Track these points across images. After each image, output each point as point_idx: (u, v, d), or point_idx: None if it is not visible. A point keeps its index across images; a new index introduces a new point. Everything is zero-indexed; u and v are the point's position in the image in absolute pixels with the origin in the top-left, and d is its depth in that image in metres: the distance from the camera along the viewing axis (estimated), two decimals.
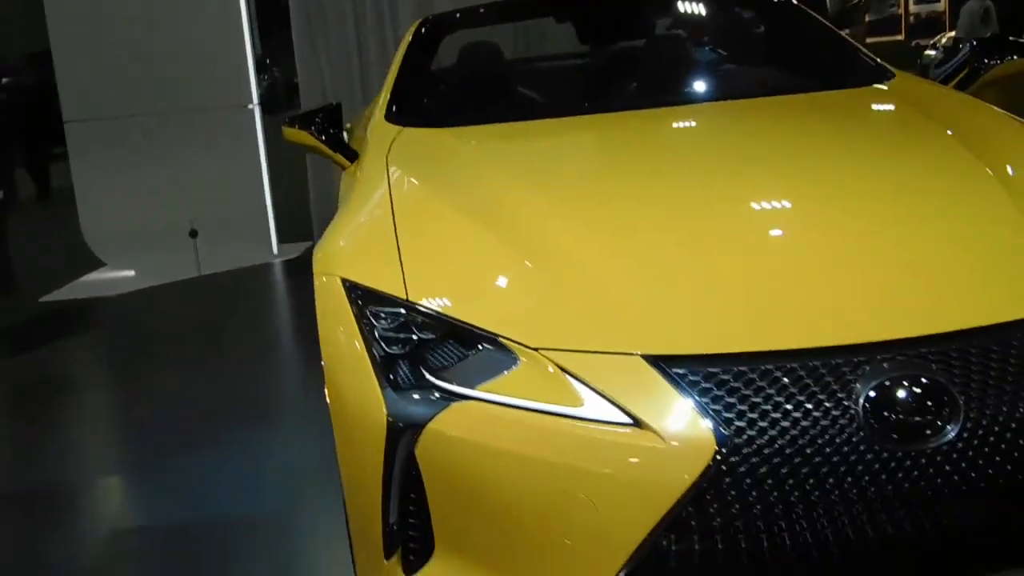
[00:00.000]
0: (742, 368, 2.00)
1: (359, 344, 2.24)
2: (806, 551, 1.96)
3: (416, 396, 2.14)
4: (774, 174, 2.74)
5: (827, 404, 1.96)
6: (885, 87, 3.49)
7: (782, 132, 3.18)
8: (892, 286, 2.17)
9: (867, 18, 17.89)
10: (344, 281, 2.35)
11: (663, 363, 2.01)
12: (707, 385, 1.98)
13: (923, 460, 1.94)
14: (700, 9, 4.88)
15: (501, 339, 2.14)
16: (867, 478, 1.93)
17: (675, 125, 3.36)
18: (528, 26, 7.78)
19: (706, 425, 1.94)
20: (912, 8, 19.35)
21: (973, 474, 1.94)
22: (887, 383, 1.96)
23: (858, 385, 1.97)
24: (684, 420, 1.95)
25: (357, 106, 7.27)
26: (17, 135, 14.54)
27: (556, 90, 4.04)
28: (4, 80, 17.02)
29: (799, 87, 3.61)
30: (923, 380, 1.97)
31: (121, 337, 6.96)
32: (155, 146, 8.38)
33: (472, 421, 2.08)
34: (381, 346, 2.22)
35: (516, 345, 2.12)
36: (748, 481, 1.93)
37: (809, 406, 1.96)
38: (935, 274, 2.22)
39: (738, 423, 1.94)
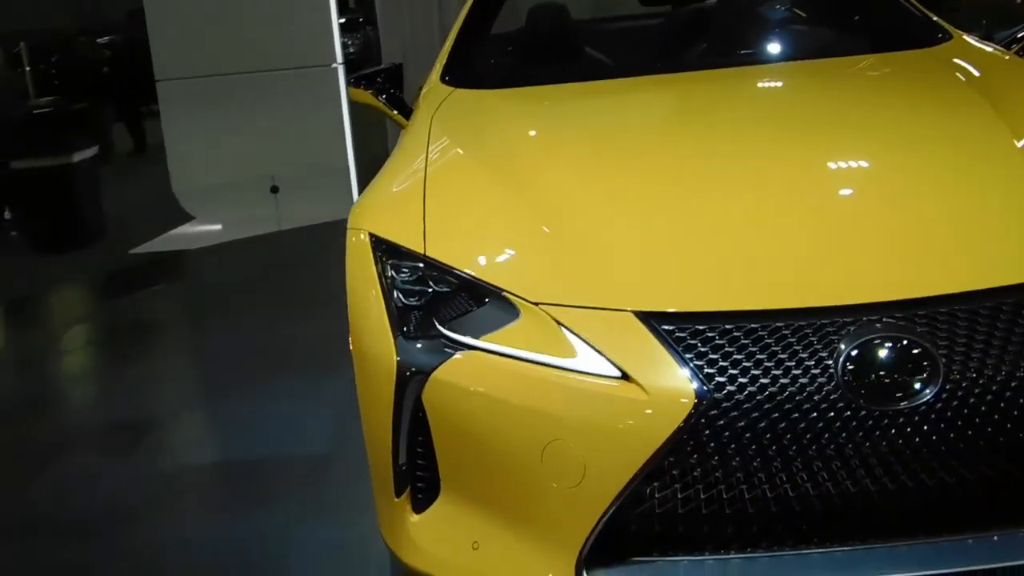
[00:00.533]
0: (727, 326, 2.06)
1: (378, 295, 2.36)
2: (784, 504, 2.02)
3: (425, 345, 2.26)
4: (787, 140, 2.78)
5: (808, 363, 2.00)
6: (935, 50, 3.47)
7: (808, 98, 3.22)
8: (884, 250, 2.20)
9: None
10: (371, 236, 2.46)
11: (652, 319, 2.08)
12: (693, 341, 2.05)
13: (900, 419, 1.97)
14: None
15: (505, 293, 2.23)
16: (844, 435, 1.98)
17: (712, 89, 3.39)
18: None
19: (686, 379, 2.00)
20: None
21: (950, 435, 1.97)
22: (868, 344, 2.00)
23: (841, 345, 2.01)
24: (667, 374, 2.02)
25: None
26: (115, 91, 14.94)
27: (612, 52, 4.06)
28: (104, 38, 17.48)
29: (847, 49, 3.62)
30: (904, 342, 1.99)
31: (201, 287, 7.27)
32: (242, 104, 8.60)
33: (474, 370, 2.19)
34: (399, 297, 2.34)
35: (518, 299, 2.21)
36: (727, 434, 2.00)
37: (790, 364, 2.01)
38: (929, 239, 2.23)
39: (719, 378, 2.00)
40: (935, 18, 3.70)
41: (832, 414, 1.98)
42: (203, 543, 3.44)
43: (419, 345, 2.27)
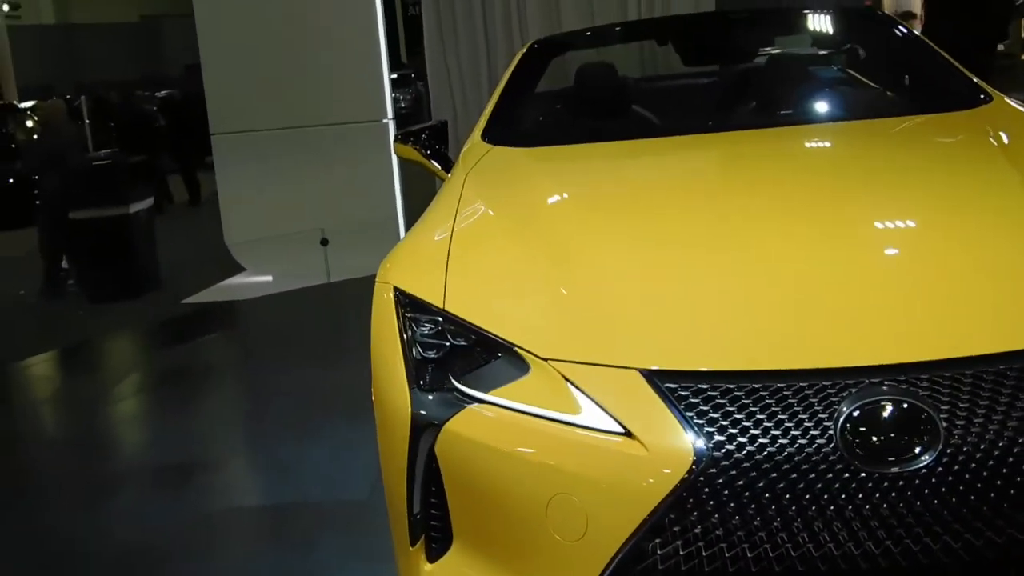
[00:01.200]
0: (729, 385, 2.08)
1: (397, 347, 2.43)
2: (787, 564, 2.02)
3: (439, 397, 2.32)
4: (808, 202, 2.80)
5: (808, 424, 2.02)
6: (973, 113, 3.48)
7: (835, 160, 3.25)
8: (890, 313, 2.21)
9: None
10: (395, 289, 2.54)
11: (656, 378, 2.12)
12: (694, 400, 2.07)
13: (900, 483, 1.98)
14: (800, 31, 4.93)
15: (517, 348, 2.28)
16: (843, 497, 1.98)
17: (744, 150, 3.43)
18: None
19: (687, 438, 2.03)
20: None
21: (950, 500, 1.97)
22: (868, 406, 2.01)
23: (841, 407, 2.02)
24: (667, 432, 2.05)
25: None
26: (171, 144, 15.27)
27: (654, 111, 4.11)
28: (163, 92, 17.87)
29: (886, 111, 3.66)
30: (905, 405, 2.00)
31: (251, 337, 7.40)
32: (294, 158, 8.74)
33: (484, 423, 2.24)
34: (418, 350, 2.41)
35: (528, 355, 2.26)
36: (726, 493, 2.01)
37: (790, 425, 2.02)
38: (935, 302, 2.24)
39: (719, 437, 2.02)
40: (976, 80, 3.72)
41: (831, 476, 2.00)
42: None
43: (433, 397, 2.33)
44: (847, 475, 1.99)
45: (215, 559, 3.72)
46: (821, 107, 3.87)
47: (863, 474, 1.99)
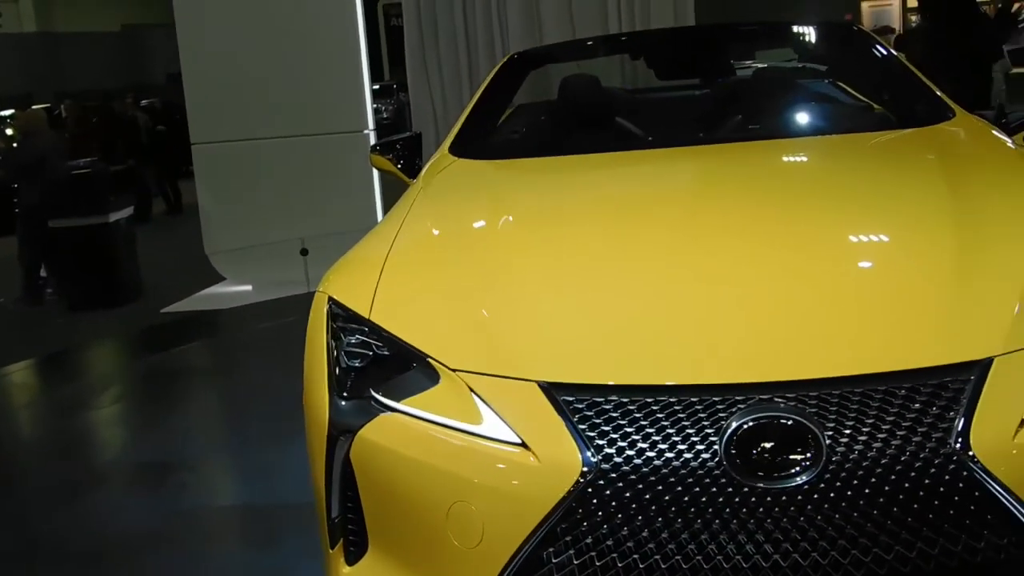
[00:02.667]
0: (623, 399, 2.13)
1: (322, 354, 2.52)
2: (676, 575, 2.06)
3: (355, 405, 2.39)
4: (734, 220, 2.83)
5: (694, 438, 2.06)
6: (931, 130, 3.49)
7: (774, 177, 3.28)
8: (784, 330, 2.24)
9: None
10: (329, 299, 2.61)
11: (553, 390, 2.16)
12: (588, 413, 2.12)
13: (782, 498, 2.01)
14: (775, 45, 4.97)
15: (429, 359, 2.34)
16: (727, 511, 2.02)
17: (694, 166, 3.48)
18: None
19: (576, 449, 2.08)
20: None
21: (833, 516, 2.01)
22: (754, 422, 2.05)
23: (728, 423, 2.06)
24: (558, 443, 2.10)
25: None
26: (152, 153, 15.24)
27: (624, 125, 4.14)
28: (143, 101, 17.83)
29: (845, 128, 3.70)
30: (789, 422, 2.04)
31: (231, 346, 7.39)
32: (274, 168, 8.76)
33: (395, 431, 2.30)
34: (344, 358, 2.47)
35: (439, 365, 2.32)
36: (614, 504, 2.06)
37: (677, 439, 2.06)
38: (831, 322, 2.26)
39: (608, 450, 2.07)
40: (940, 96, 3.74)
41: (714, 490, 2.03)
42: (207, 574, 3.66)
43: (350, 405, 2.40)
44: (730, 489, 2.03)
45: (184, 553, 3.81)
46: (783, 123, 3.89)
47: (745, 488, 2.03)
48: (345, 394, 2.42)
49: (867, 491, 2.01)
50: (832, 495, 2.01)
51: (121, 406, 6.16)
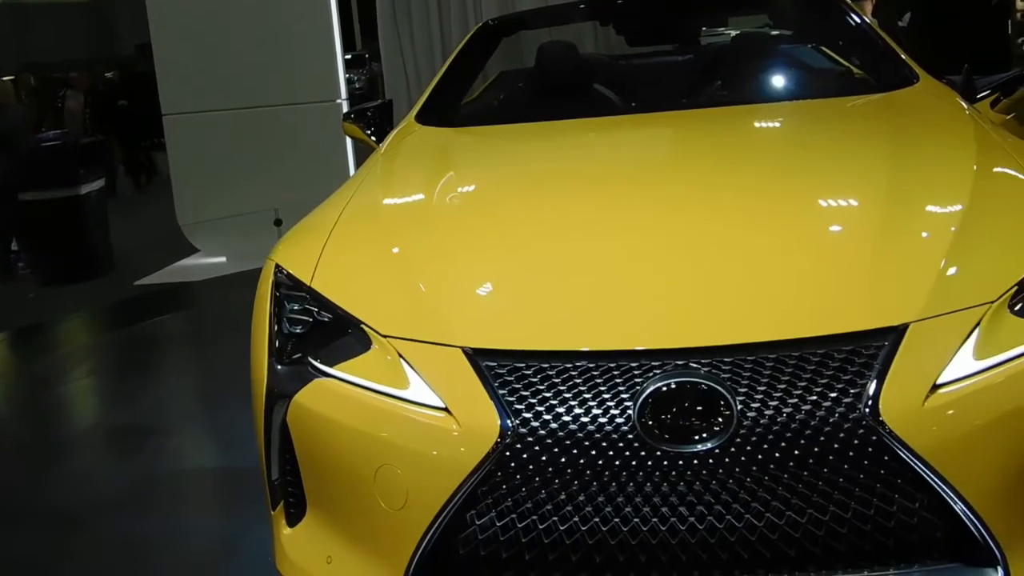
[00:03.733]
0: (543, 365, 2.16)
1: (264, 320, 2.56)
2: (595, 536, 2.11)
3: (293, 370, 2.43)
4: (667, 188, 2.87)
5: (609, 403, 2.09)
6: (888, 96, 3.49)
7: (723, 143, 3.29)
8: (704, 298, 2.27)
9: None
10: (276, 265, 2.65)
11: (477, 356, 2.20)
12: (509, 378, 2.16)
13: (694, 462, 2.05)
14: (745, 11, 4.96)
15: (363, 325, 2.38)
16: (640, 475, 2.06)
17: (653, 132, 3.51)
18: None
19: (495, 414, 2.12)
20: None
21: (743, 480, 2.05)
22: (667, 388, 2.08)
23: (641, 388, 2.09)
24: (478, 408, 2.14)
25: None
26: (123, 124, 15.11)
27: (588, 92, 4.14)
28: (112, 72, 17.65)
29: (803, 93, 3.74)
30: (702, 387, 2.07)
31: (205, 317, 7.37)
32: (247, 138, 8.71)
33: (327, 396, 2.34)
34: (286, 324, 2.52)
35: (371, 331, 2.36)
36: (531, 467, 2.10)
37: (592, 404, 2.10)
38: (750, 289, 2.29)
39: (526, 414, 2.11)
40: (905, 60, 3.74)
41: (627, 454, 2.07)
42: (178, 535, 3.73)
43: (287, 370, 2.45)
44: (643, 453, 2.07)
45: (148, 516, 3.88)
46: (750, 89, 3.90)
47: (657, 452, 2.06)
48: (284, 360, 2.47)
49: (777, 456, 2.04)
50: (743, 459, 2.05)
51: (96, 377, 6.15)
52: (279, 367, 2.47)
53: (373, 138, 4.02)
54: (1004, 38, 8.69)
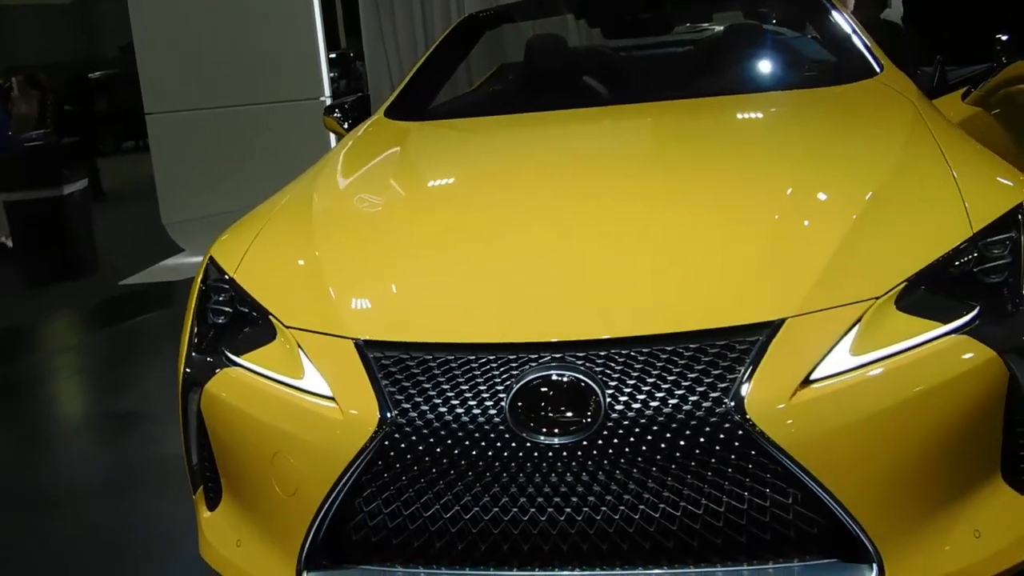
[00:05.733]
0: (425, 356, 2.21)
1: (191, 310, 2.65)
2: (478, 525, 2.15)
3: (208, 360, 2.50)
4: (592, 184, 2.89)
5: (485, 395, 2.14)
6: (847, 88, 3.47)
7: (662, 136, 3.34)
8: (586, 293, 2.30)
9: None
10: (210, 257, 2.73)
11: (365, 348, 2.26)
12: (393, 370, 2.21)
13: (563, 454, 2.08)
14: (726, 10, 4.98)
15: (271, 316, 2.45)
16: (513, 466, 2.11)
17: (608, 126, 3.53)
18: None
19: (375, 404, 2.17)
20: None
21: (611, 473, 2.08)
22: (539, 381, 2.11)
23: (515, 380, 2.12)
24: (361, 398, 2.20)
25: None
26: (106, 125, 15.06)
27: (561, 87, 4.17)
28: (95, 73, 17.60)
29: (756, 87, 3.76)
30: (571, 381, 2.10)
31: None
32: (231, 137, 8.71)
33: (233, 384, 2.42)
34: (209, 315, 2.60)
35: (277, 322, 2.43)
36: (409, 458, 2.15)
37: (469, 396, 2.15)
38: (629, 284, 2.31)
39: (405, 405, 2.16)
40: (869, 51, 3.71)
41: (499, 445, 2.11)
42: (155, 514, 3.80)
43: (202, 359, 2.53)
44: (513, 445, 2.11)
45: (125, 501, 3.98)
46: (701, 83, 3.89)
47: (528, 444, 2.10)
48: (203, 349, 2.54)
49: (643, 449, 2.06)
50: (610, 452, 2.07)
51: (83, 376, 6.15)
52: (195, 355, 2.55)
53: (349, 132, 4.04)
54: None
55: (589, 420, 2.08)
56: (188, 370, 2.54)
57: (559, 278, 2.37)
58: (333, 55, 10.19)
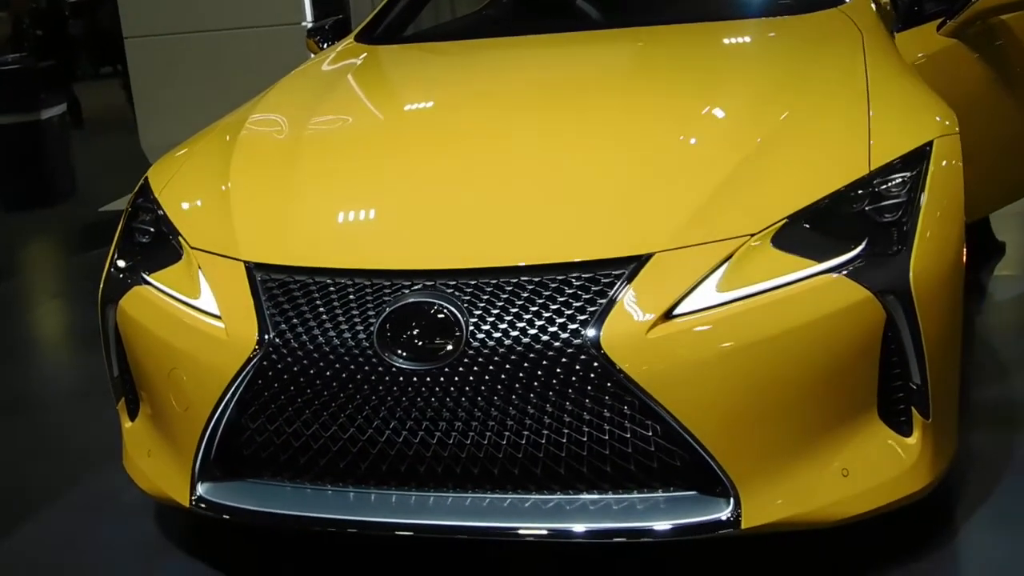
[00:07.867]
0: (306, 280, 2.27)
1: (119, 230, 2.72)
2: (355, 443, 2.22)
3: (124, 278, 2.58)
4: (510, 112, 2.91)
5: (356, 319, 2.19)
6: (790, 19, 3.43)
7: (602, 65, 3.34)
8: (461, 223, 2.35)
9: None
10: (145, 177, 2.80)
11: (255, 270, 2.33)
12: (276, 292, 2.28)
13: (427, 379, 2.13)
14: None
15: (180, 237, 2.53)
16: (381, 389, 2.16)
17: (562, 52, 3.51)
18: None
19: (255, 324, 2.25)
20: None
21: (474, 400, 2.12)
22: (407, 307, 2.16)
23: (387, 306, 2.17)
24: (243, 319, 2.28)
25: None
26: (84, 48, 14.83)
27: (533, 11, 4.16)
28: None
29: (720, 14, 3.72)
30: (439, 308, 2.14)
31: None
32: (211, 62, 8.57)
33: (142, 302, 2.51)
34: (135, 234, 2.67)
35: (184, 242, 2.51)
36: (286, 377, 2.22)
37: (342, 319, 2.20)
38: (507, 214, 2.36)
39: (283, 326, 2.22)
40: None
41: (366, 368, 2.16)
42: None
43: (118, 276, 2.61)
44: (380, 368, 2.16)
45: (88, 407, 4.02)
46: (683, 7, 3.89)
47: (394, 368, 2.15)
48: (121, 268, 2.62)
49: (502, 378, 2.10)
50: (470, 379, 2.12)
51: (59, 299, 6.14)
52: (112, 272, 2.63)
53: None
54: None
55: (451, 348, 2.11)
56: (106, 286, 2.62)
57: (443, 208, 2.41)
58: None
